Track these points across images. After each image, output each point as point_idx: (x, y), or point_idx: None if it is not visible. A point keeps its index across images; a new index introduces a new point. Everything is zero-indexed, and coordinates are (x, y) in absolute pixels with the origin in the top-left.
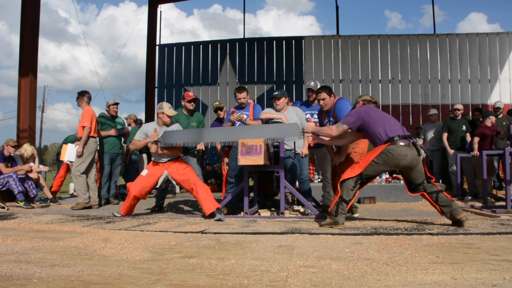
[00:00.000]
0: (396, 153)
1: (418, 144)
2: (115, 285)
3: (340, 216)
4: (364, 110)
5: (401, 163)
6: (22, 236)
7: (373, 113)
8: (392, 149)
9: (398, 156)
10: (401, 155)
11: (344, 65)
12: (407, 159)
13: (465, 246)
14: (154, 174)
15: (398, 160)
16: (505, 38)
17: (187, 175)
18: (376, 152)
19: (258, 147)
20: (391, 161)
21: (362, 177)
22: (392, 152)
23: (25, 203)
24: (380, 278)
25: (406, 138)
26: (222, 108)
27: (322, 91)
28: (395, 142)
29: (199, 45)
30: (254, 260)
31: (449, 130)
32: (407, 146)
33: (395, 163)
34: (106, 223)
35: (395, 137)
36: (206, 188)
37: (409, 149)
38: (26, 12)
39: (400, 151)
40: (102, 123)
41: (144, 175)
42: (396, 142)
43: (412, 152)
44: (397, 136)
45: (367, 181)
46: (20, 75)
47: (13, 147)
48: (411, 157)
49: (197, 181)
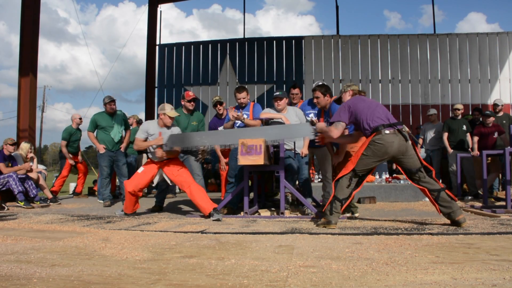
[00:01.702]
0: (383, 141)
1: (404, 130)
2: (115, 285)
3: (333, 215)
4: (352, 102)
5: (389, 151)
6: (22, 236)
7: (360, 105)
8: (378, 139)
9: (386, 144)
10: (388, 143)
11: (344, 65)
12: (395, 146)
13: (465, 246)
14: (149, 171)
15: (386, 148)
16: (505, 38)
17: (182, 176)
18: (365, 145)
19: (258, 147)
20: (379, 151)
21: (356, 173)
22: (378, 142)
23: (25, 203)
24: (380, 278)
25: (391, 126)
26: (222, 103)
27: (317, 89)
28: (380, 132)
29: (199, 45)
30: (254, 260)
31: (450, 130)
32: (392, 133)
33: (383, 152)
34: (106, 223)
35: (379, 126)
36: (200, 189)
37: (395, 135)
38: (26, 12)
39: (386, 138)
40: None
41: (140, 173)
42: (381, 131)
43: (398, 138)
44: (381, 126)
45: (363, 177)
46: (20, 75)
47: (11, 145)
48: (398, 143)
49: (192, 183)
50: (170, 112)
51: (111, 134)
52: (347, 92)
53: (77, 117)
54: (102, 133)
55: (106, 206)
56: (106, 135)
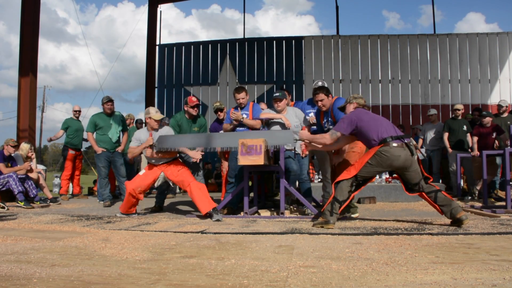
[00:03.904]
0: (389, 154)
1: (411, 144)
2: (115, 285)
3: (332, 216)
4: (356, 115)
5: (395, 164)
6: (22, 236)
7: (365, 117)
8: (385, 151)
9: (391, 157)
10: (394, 156)
11: (344, 65)
12: (400, 160)
13: (465, 246)
14: (151, 174)
15: (392, 161)
16: (505, 38)
17: (182, 176)
18: (370, 154)
19: (258, 147)
20: (384, 162)
21: (357, 178)
22: (385, 153)
23: (25, 203)
24: (380, 278)
25: (398, 138)
26: (223, 109)
27: (320, 92)
28: (388, 144)
29: (199, 45)
30: (254, 260)
31: (450, 130)
32: (400, 146)
33: (388, 164)
34: (106, 223)
35: (387, 138)
36: (201, 187)
37: (402, 149)
38: (26, 12)
39: (393, 152)
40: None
41: (141, 175)
42: (389, 143)
43: (405, 152)
44: (389, 138)
45: (364, 183)
46: (20, 75)
47: (13, 147)
48: (404, 157)
49: (192, 181)
50: (155, 115)
51: (109, 134)
52: (352, 103)
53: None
54: (99, 134)
55: (106, 206)
56: (104, 136)
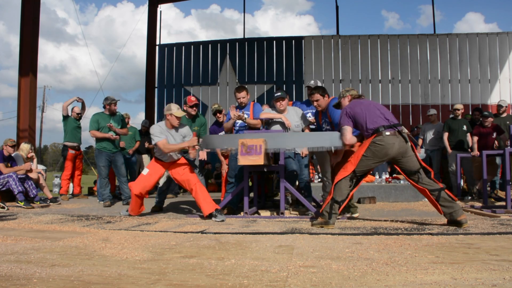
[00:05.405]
0: (384, 142)
1: (404, 132)
2: (115, 285)
3: (331, 216)
4: (349, 107)
5: (390, 152)
6: (22, 236)
7: (358, 109)
8: (379, 140)
9: (386, 145)
10: (389, 144)
11: (344, 65)
12: (395, 147)
13: (465, 246)
14: (155, 173)
15: (387, 149)
16: (505, 38)
17: (187, 176)
18: (365, 146)
19: (258, 147)
20: (379, 152)
21: (356, 174)
22: (379, 143)
23: (25, 203)
24: (380, 278)
25: (391, 127)
26: (221, 111)
27: (315, 92)
28: (381, 133)
29: (199, 45)
30: (254, 260)
31: (450, 130)
32: (393, 135)
33: (384, 153)
34: (106, 223)
35: (380, 127)
36: (205, 189)
37: (395, 137)
38: (26, 12)
39: (387, 140)
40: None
41: (145, 175)
42: (382, 132)
43: (398, 140)
44: (382, 127)
45: (361, 177)
46: (20, 75)
47: (11, 146)
48: (398, 144)
49: (197, 181)
50: (176, 112)
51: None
52: (346, 97)
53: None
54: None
55: (106, 206)
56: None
